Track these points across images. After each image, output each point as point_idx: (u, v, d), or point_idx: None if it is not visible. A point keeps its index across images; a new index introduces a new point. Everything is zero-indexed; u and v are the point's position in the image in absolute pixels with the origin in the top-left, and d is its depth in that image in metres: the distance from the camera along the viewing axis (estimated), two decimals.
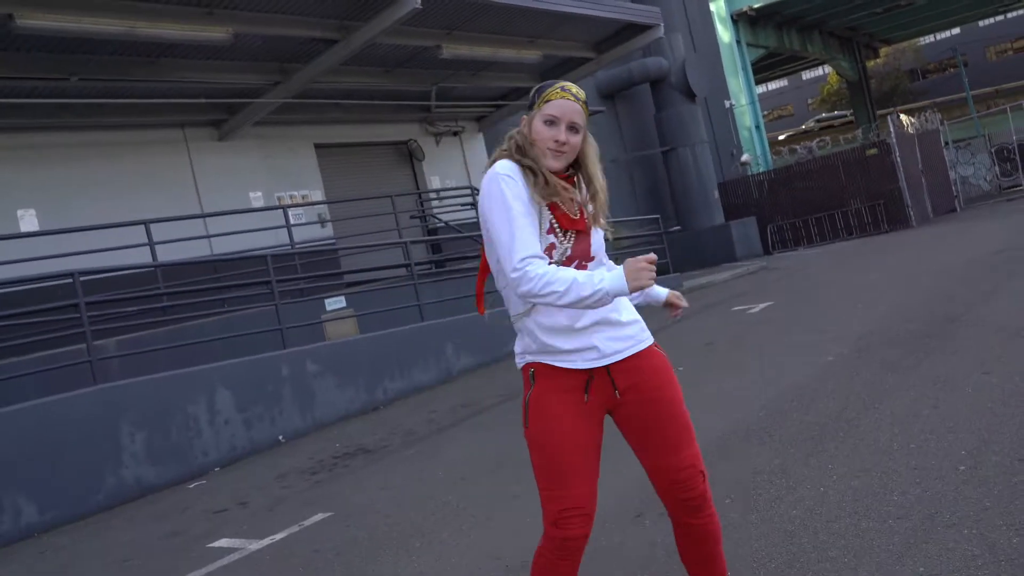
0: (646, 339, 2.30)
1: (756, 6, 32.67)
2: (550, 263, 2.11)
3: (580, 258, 2.23)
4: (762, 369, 6.62)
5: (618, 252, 16.09)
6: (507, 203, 2.11)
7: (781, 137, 53.31)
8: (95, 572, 4.90)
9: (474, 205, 15.32)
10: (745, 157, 25.25)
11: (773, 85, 61.64)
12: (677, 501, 2.30)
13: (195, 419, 7.17)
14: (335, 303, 10.06)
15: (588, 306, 2.08)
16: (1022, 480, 3.31)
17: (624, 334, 2.24)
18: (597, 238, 2.29)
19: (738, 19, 32.91)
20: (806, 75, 61.97)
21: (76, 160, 11.10)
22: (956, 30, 56.49)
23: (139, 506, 6.41)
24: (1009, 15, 54.01)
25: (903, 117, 22.07)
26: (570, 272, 2.06)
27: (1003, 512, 3.06)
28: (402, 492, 5.27)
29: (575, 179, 2.28)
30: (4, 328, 8.05)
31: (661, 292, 2.52)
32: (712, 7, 30.45)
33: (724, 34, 32.31)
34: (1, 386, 7.16)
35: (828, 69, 51.73)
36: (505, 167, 2.18)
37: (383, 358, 8.91)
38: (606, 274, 2.08)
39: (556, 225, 2.18)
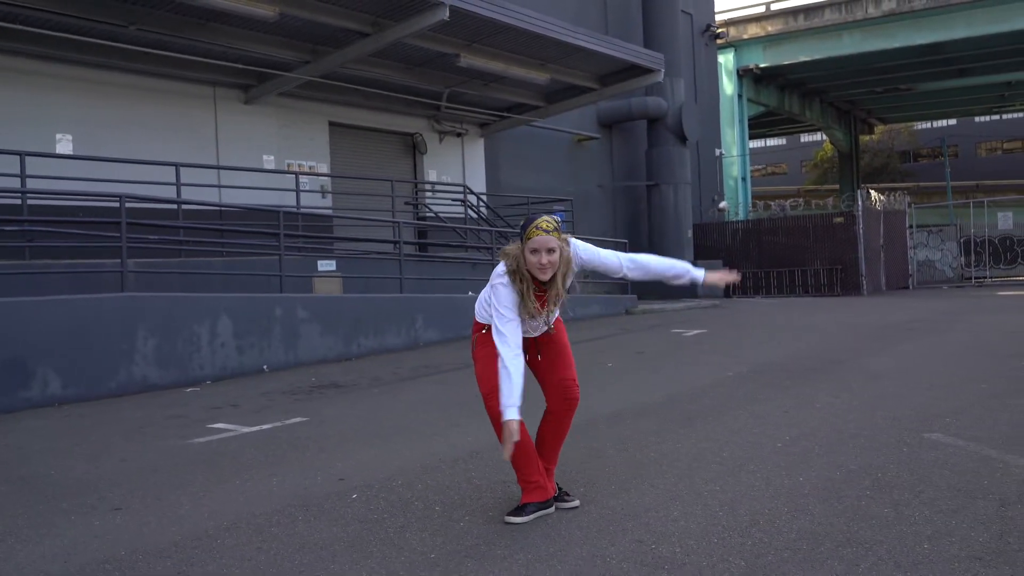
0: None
1: (763, 65, 34.41)
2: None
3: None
4: (673, 373, 8.02)
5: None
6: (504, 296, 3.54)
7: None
8: (118, 432, 6.14)
9: (464, 203, 16.68)
10: (723, 204, 26.74)
11: (771, 142, 63.51)
12: (562, 399, 3.76)
13: (198, 337, 8.43)
14: (326, 265, 11.35)
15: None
16: (812, 456, 4.67)
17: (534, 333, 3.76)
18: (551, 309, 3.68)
19: (743, 75, 34.61)
20: (804, 138, 63.84)
21: (115, 98, 12.28)
22: (953, 120, 58.78)
23: (144, 398, 7.66)
24: (1004, 116, 56.43)
25: (872, 193, 23.66)
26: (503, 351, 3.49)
27: (788, 469, 4.41)
28: (366, 414, 6.57)
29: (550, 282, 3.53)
30: (39, 234, 9.26)
31: None
32: (720, 59, 32.02)
33: (728, 86, 33.98)
34: (33, 280, 8.39)
35: (825, 136, 53.63)
36: (503, 274, 3.54)
37: (362, 318, 10.20)
38: None
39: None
